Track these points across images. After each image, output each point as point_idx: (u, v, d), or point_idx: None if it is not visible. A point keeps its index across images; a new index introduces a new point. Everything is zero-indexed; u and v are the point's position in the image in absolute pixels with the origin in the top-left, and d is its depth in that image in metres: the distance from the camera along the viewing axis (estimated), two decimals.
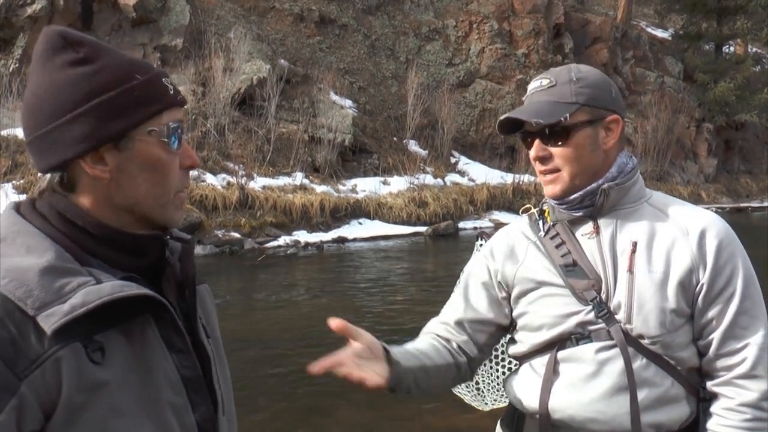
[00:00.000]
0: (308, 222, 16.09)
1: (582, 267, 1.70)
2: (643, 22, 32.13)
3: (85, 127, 1.12)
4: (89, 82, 1.13)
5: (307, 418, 5.48)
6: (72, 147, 1.12)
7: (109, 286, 1.08)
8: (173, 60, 17.86)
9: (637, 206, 1.73)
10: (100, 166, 1.14)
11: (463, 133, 22.10)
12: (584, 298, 1.68)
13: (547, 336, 1.73)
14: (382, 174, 18.98)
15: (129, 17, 17.89)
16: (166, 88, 1.21)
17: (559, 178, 1.70)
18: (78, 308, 1.03)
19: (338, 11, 22.20)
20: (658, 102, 25.02)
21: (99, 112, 1.12)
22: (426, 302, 9.09)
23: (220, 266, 12.97)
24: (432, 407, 5.44)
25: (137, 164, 1.17)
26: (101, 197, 1.16)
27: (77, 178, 1.16)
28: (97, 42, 1.19)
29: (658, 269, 1.65)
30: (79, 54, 1.14)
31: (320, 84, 19.59)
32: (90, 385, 1.04)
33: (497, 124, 1.77)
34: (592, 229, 1.73)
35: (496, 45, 23.45)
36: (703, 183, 26.70)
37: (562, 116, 1.66)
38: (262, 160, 17.25)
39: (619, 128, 1.73)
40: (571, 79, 1.70)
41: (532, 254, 1.80)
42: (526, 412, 1.78)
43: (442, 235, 16.93)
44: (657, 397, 1.64)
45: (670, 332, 1.64)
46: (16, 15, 16.57)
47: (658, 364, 1.65)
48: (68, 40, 1.15)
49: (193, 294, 1.28)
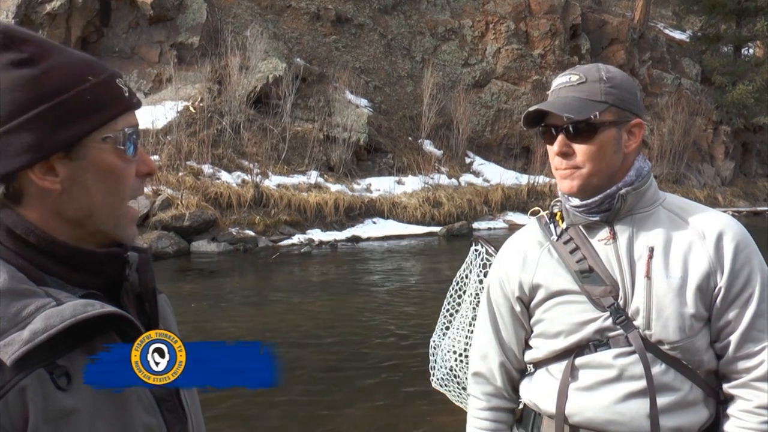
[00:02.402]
0: (322, 221, 16.11)
1: (598, 273, 1.69)
2: (660, 23, 31.91)
3: (33, 135, 1.01)
4: (36, 84, 1.02)
5: (321, 415, 5.49)
6: (18, 157, 1.01)
7: (71, 306, 0.98)
8: (189, 58, 17.94)
9: (651, 210, 1.72)
10: (50, 177, 1.04)
11: (478, 133, 22.05)
12: (601, 305, 1.67)
13: (565, 343, 1.72)
14: (396, 173, 18.97)
15: (146, 15, 17.99)
16: (121, 90, 1.11)
17: (578, 174, 1.68)
18: (40, 334, 0.94)
19: (354, 10, 22.20)
20: (674, 104, 24.85)
21: (48, 118, 1.02)
22: (438, 301, 9.05)
23: (234, 264, 13.01)
24: (444, 406, 5.43)
25: (91, 174, 1.07)
26: (51, 210, 1.05)
27: (23, 189, 1.03)
28: (44, 40, 1.08)
29: (675, 274, 1.64)
30: (24, 53, 1.03)
31: (336, 83, 19.61)
32: (58, 414, 0.95)
33: (523, 116, 1.74)
34: (608, 235, 1.72)
35: (512, 45, 23.38)
36: (719, 186, 26.49)
37: (591, 114, 1.65)
38: (277, 159, 17.29)
39: (641, 133, 1.73)
40: (601, 77, 1.69)
41: (545, 261, 1.78)
42: (543, 414, 1.78)
43: (456, 236, 16.89)
44: (676, 401, 1.64)
45: (689, 337, 1.63)
46: (35, 12, 16.70)
47: (677, 369, 1.65)
48: (11, 38, 1.03)
49: (154, 306, 1.19)
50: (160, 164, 15.35)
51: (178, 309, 7.42)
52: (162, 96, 17.31)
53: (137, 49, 18.32)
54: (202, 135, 16.39)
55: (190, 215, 14.03)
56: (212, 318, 8.60)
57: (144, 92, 17.71)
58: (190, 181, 15.13)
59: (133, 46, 18.29)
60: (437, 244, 16.31)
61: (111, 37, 18.10)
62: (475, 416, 1.92)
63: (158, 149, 15.79)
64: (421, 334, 7.82)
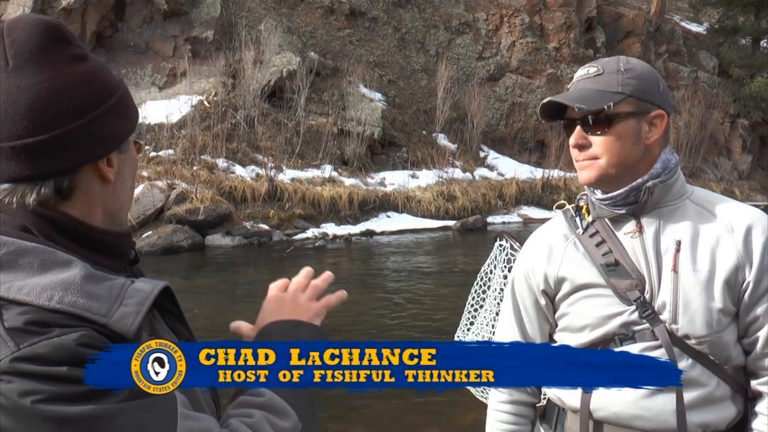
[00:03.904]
0: (336, 215, 16.11)
1: (624, 266, 1.67)
2: (677, 16, 31.64)
3: (109, 126, 1.05)
4: (98, 78, 1.05)
5: (336, 408, 5.48)
6: (97, 147, 1.05)
7: (141, 282, 1.05)
8: (204, 52, 17.97)
9: (679, 203, 1.69)
10: (111, 168, 1.09)
11: (492, 127, 21.98)
12: (627, 298, 1.65)
13: (590, 337, 1.70)
14: (410, 167, 18.93)
15: (161, 9, 18.04)
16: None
17: (595, 164, 1.67)
18: (142, 305, 1.01)
19: (368, 4, 22.15)
20: (691, 97, 24.65)
21: (116, 110, 1.07)
22: (454, 296, 9.04)
23: (248, 257, 13.04)
24: (458, 400, 5.41)
25: (128, 166, 1.13)
26: (96, 204, 1.09)
27: (78, 183, 1.06)
28: None
29: (703, 268, 1.61)
30: (81, 49, 1.05)
31: (350, 77, 19.58)
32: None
33: (539, 108, 1.74)
34: (634, 228, 1.69)
35: (527, 39, 23.26)
36: (736, 180, 26.26)
37: (606, 104, 1.62)
38: (291, 153, 17.30)
39: (663, 124, 1.69)
40: (619, 69, 1.67)
41: (570, 254, 1.76)
42: (567, 409, 1.76)
43: (471, 230, 16.86)
44: (703, 396, 1.61)
45: (717, 332, 1.61)
46: (51, 7, 16.76)
47: (703, 364, 1.62)
48: (69, 34, 1.05)
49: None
50: (175, 158, 15.41)
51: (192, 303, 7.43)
52: (176, 90, 17.35)
53: (152, 43, 18.36)
54: (217, 129, 16.42)
55: (205, 209, 14.07)
56: (226, 312, 8.61)
57: (158, 86, 17.77)
58: (204, 175, 15.16)
59: (147, 40, 18.34)
60: (452, 238, 16.28)
61: (126, 32, 18.14)
62: (497, 409, 1.91)
63: (173, 143, 15.83)
64: (438, 328, 7.80)
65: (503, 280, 2.88)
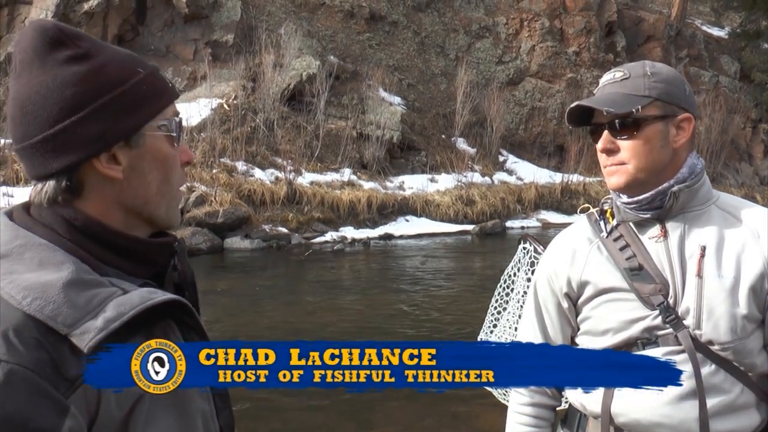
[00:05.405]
0: (355, 218, 16.11)
1: (648, 270, 1.65)
2: (698, 20, 31.40)
3: (98, 126, 1.05)
4: (96, 77, 1.06)
5: (352, 412, 5.49)
6: (84, 148, 1.05)
7: (138, 294, 1.02)
8: (224, 55, 18.07)
9: (704, 209, 1.68)
10: (114, 166, 1.09)
11: (511, 131, 21.90)
12: (650, 303, 1.64)
13: (613, 341, 1.69)
14: (429, 171, 18.90)
15: (181, 13, 18.17)
16: (165, 80, 1.17)
17: (624, 169, 1.66)
18: (113, 321, 0.97)
19: (388, 8, 22.17)
20: (712, 102, 24.42)
21: (110, 108, 1.06)
22: (473, 301, 9.02)
23: (267, 260, 13.08)
24: (474, 405, 5.40)
25: (147, 161, 1.12)
26: (110, 200, 1.10)
27: (85, 181, 1.08)
28: (91, 36, 1.13)
29: (728, 274, 1.60)
30: (81, 49, 1.07)
31: (369, 80, 19.60)
32: (128, 398, 1.00)
33: (567, 113, 1.73)
34: (659, 232, 1.68)
35: (546, 43, 23.18)
36: (758, 185, 25.99)
37: (633, 108, 1.61)
38: (310, 156, 17.33)
39: (690, 127, 1.68)
40: (646, 73, 1.66)
41: (594, 258, 1.75)
42: (588, 414, 1.75)
43: (490, 234, 16.80)
44: (727, 403, 1.59)
45: (741, 338, 1.59)
46: (73, 11, 16.93)
47: (727, 371, 1.60)
48: (66, 35, 1.07)
49: (194, 294, 1.24)
50: (195, 161, 15.47)
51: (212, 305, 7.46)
52: (196, 93, 17.45)
53: (172, 47, 18.49)
54: (236, 132, 16.49)
55: (224, 212, 14.12)
56: (245, 315, 8.65)
57: (179, 90, 17.84)
58: (223, 178, 15.23)
59: (168, 44, 18.47)
60: (470, 242, 16.24)
61: (146, 36, 18.29)
62: (517, 411, 1.90)
63: (192, 146, 15.90)
64: (457, 332, 7.79)
65: (526, 282, 2.87)
